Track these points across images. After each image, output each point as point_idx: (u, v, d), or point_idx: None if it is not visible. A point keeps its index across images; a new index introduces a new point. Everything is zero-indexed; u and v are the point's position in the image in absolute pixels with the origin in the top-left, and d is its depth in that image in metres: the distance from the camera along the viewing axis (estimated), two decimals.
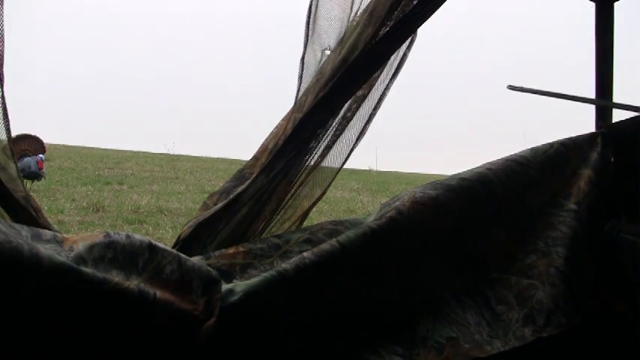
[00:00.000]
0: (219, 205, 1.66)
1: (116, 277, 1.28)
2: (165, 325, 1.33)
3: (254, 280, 1.46)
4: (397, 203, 1.68)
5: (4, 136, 1.50)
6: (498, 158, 1.86)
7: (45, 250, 1.22)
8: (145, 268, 1.34)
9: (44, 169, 7.75)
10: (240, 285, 1.44)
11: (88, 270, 1.24)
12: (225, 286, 1.42)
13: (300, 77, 1.69)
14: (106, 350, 1.30)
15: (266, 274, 1.46)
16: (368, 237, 1.58)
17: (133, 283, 1.30)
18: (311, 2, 1.68)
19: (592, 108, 2.09)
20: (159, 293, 1.31)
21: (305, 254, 1.52)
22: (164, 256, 1.37)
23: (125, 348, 1.32)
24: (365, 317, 1.60)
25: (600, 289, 1.76)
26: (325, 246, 1.54)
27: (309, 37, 1.69)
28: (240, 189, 1.65)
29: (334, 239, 1.57)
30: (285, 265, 1.49)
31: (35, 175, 7.47)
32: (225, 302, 1.38)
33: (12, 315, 1.22)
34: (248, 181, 1.65)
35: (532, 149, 1.89)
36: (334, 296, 1.56)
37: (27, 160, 7.32)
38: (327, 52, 1.68)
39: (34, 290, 1.21)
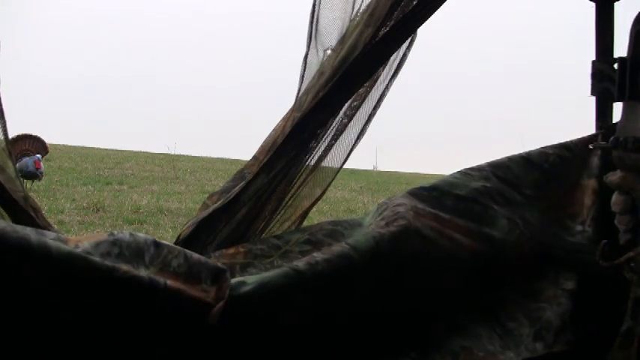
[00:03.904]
0: (219, 204, 1.66)
1: (125, 266, 1.28)
2: (178, 312, 1.32)
3: (266, 273, 1.46)
4: (401, 210, 1.68)
5: (1, 136, 1.50)
6: (492, 167, 1.86)
7: (52, 240, 1.22)
8: (151, 262, 1.34)
9: (42, 169, 7.73)
10: (251, 277, 1.44)
11: (96, 258, 1.24)
12: (234, 279, 1.41)
13: (302, 76, 1.70)
14: (117, 337, 1.29)
15: (277, 270, 1.46)
16: (377, 243, 1.58)
17: (143, 272, 1.30)
18: (314, 2, 1.68)
19: (592, 108, 2.09)
20: (169, 282, 1.31)
21: (315, 254, 1.52)
22: (170, 251, 1.38)
23: (137, 336, 1.31)
24: (377, 320, 1.59)
25: (607, 306, 1.75)
26: (335, 247, 1.54)
27: (312, 37, 1.69)
28: (240, 189, 1.65)
29: (343, 242, 1.57)
30: (297, 262, 1.49)
31: (33, 175, 7.46)
32: (236, 292, 1.37)
33: (23, 302, 1.22)
34: (247, 180, 1.66)
35: (526, 163, 1.85)
36: (345, 295, 1.55)
37: (25, 160, 7.32)
38: (329, 52, 1.68)
39: (43, 278, 1.21)
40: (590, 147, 1.88)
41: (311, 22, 1.69)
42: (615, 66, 1.66)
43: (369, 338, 1.56)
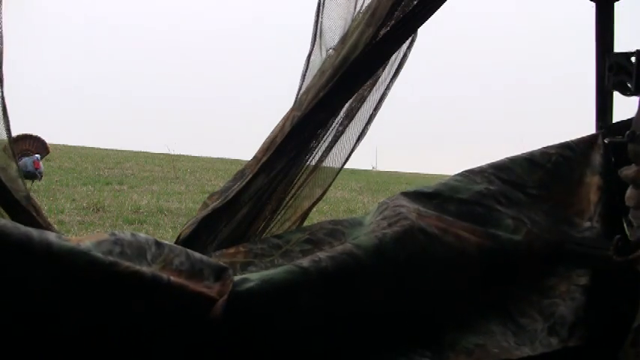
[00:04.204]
0: (218, 203, 1.66)
1: (127, 262, 1.28)
2: (181, 308, 1.32)
3: (269, 270, 1.45)
4: (403, 210, 1.67)
5: (4, 136, 1.50)
6: (494, 168, 1.85)
7: (54, 237, 1.22)
8: (154, 260, 1.34)
9: (42, 169, 7.73)
10: (254, 274, 1.43)
11: (98, 254, 1.24)
12: (237, 277, 1.41)
13: (304, 75, 1.70)
14: (119, 334, 1.29)
15: (282, 267, 1.45)
16: (380, 242, 1.57)
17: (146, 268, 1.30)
18: (319, 1, 1.68)
19: (591, 108, 2.09)
20: (172, 278, 1.30)
21: (318, 253, 1.51)
22: (171, 250, 1.37)
23: (139, 332, 1.30)
24: (384, 320, 1.57)
25: (619, 302, 1.74)
26: (339, 247, 1.54)
27: (316, 36, 1.69)
28: (239, 188, 1.65)
29: (346, 241, 1.56)
30: (300, 260, 1.48)
31: (32, 175, 7.46)
32: (240, 288, 1.37)
33: (25, 298, 1.21)
34: (247, 180, 1.65)
35: (529, 164, 1.86)
36: (350, 294, 1.54)
37: (24, 160, 7.32)
38: (331, 52, 1.68)
39: (45, 274, 1.20)
40: (605, 141, 1.89)
41: (316, 22, 1.69)
42: (633, 59, 1.66)
43: (377, 338, 1.55)
